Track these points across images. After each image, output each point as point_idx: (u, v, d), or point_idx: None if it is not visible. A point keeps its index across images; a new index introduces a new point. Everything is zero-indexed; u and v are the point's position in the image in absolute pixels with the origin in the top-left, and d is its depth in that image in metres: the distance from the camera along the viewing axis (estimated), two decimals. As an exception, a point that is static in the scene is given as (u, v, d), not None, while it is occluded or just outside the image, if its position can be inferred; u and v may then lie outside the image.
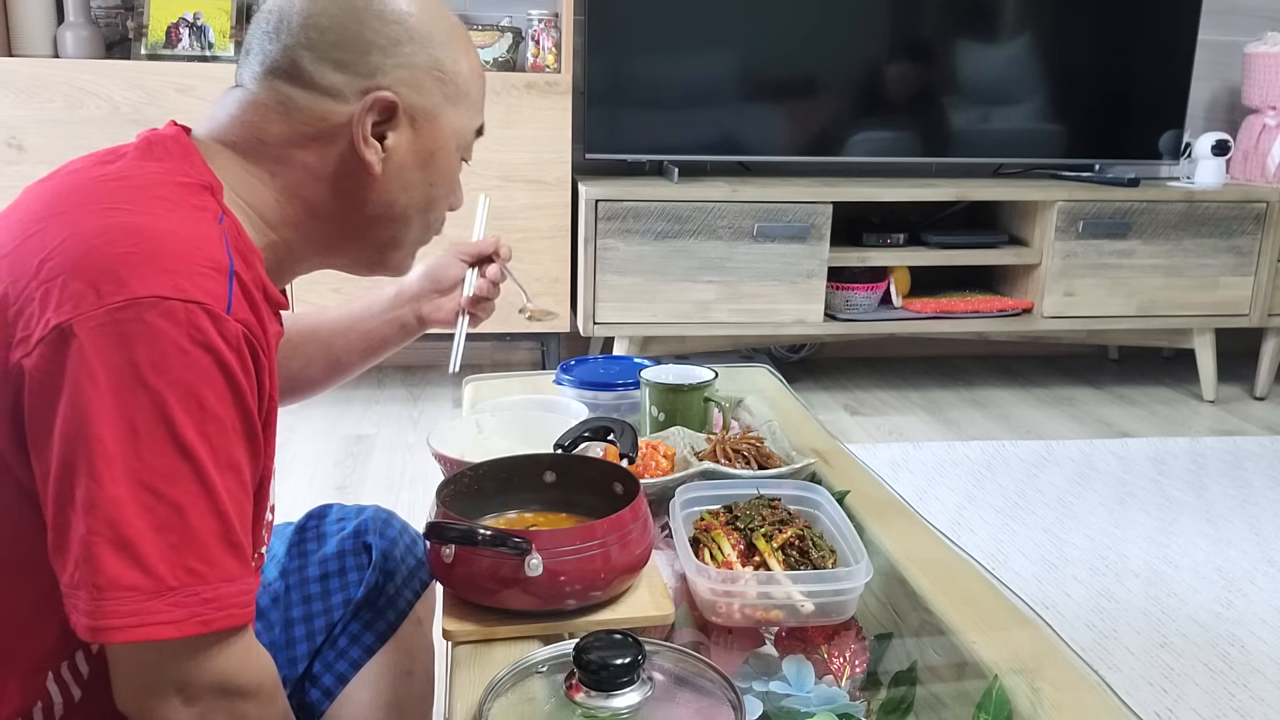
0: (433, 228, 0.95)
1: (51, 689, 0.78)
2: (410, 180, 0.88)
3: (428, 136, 0.87)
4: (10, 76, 2.56)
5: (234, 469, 0.73)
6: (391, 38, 0.84)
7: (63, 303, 0.69)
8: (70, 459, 0.68)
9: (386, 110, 0.84)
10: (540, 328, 2.92)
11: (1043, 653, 0.87)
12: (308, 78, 0.83)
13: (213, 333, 0.70)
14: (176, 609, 0.69)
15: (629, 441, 1.11)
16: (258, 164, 0.84)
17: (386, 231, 0.90)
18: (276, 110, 0.84)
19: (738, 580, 0.93)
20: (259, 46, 0.85)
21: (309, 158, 0.85)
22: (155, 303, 0.69)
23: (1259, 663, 1.76)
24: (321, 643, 1.05)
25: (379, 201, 0.88)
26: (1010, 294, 3.13)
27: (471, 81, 0.90)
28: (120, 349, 0.68)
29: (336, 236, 0.89)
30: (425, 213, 0.92)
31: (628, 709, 0.73)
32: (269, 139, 0.84)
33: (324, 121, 0.84)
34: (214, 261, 0.73)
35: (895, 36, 3.10)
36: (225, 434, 0.72)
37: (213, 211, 0.78)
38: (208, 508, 0.70)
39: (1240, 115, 3.36)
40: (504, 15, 3.00)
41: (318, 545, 1.09)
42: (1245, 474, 2.59)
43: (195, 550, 0.70)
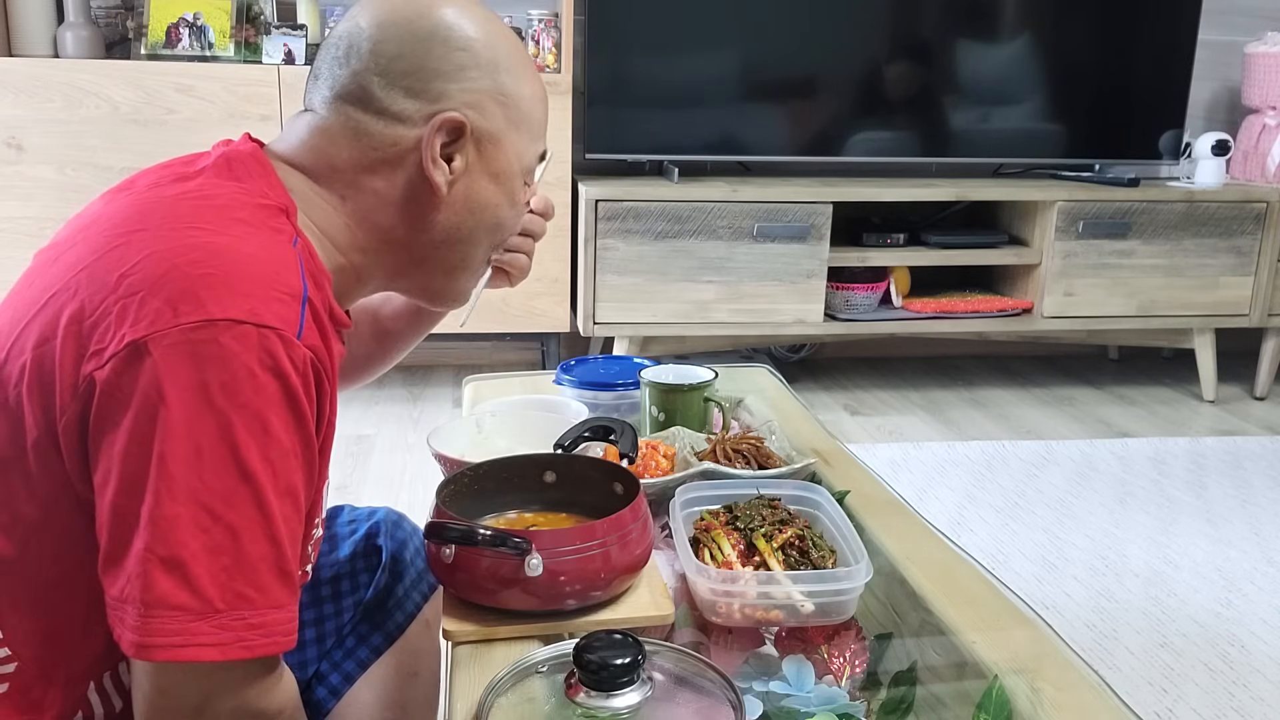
0: (497, 250, 0.96)
1: (93, 699, 0.78)
2: (476, 203, 0.89)
3: (493, 159, 0.89)
4: (10, 76, 2.56)
5: (291, 495, 0.73)
6: (458, 64, 0.85)
7: (140, 319, 0.69)
8: (133, 474, 0.68)
9: (454, 131, 0.85)
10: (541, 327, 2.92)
11: (1043, 653, 0.87)
12: (378, 103, 0.84)
13: (283, 358, 0.71)
14: (222, 632, 0.69)
15: (629, 441, 1.11)
16: (328, 188, 0.85)
17: (454, 255, 0.91)
18: (346, 135, 0.85)
19: (738, 580, 0.93)
20: (328, 72, 0.86)
21: (378, 183, 0.86)
22: (230, 325, 0.69)
23: (1259, 663, 1.76)
24: (330, 644, 1.05)
25: (446, 225, 0.89)
26: (1010, 294, 3.14)
27: (534, 106, 0.91)
28: (192, 369, 0.68)
29: (405, 261, 0.90)
30: (491, 235, 0.92)
31: (628, 709, 0.73)
32: (339, 164, 0.85)
33: (394, 146, 0.85)
34: (290, 287, 0.74)
35: (895, 36, 3.10)
36: (286, 459, 0.72)
37: (288, 234, 0.79)
38: (263, 533, 0.71)
39: (1240, 115, 3.36)
40: (504, 15, 3.00)
41: (330, 548, 1.10)
42: (1245, 474, 2.59)
43: (246, 575, 0.70)
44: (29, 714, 0.75)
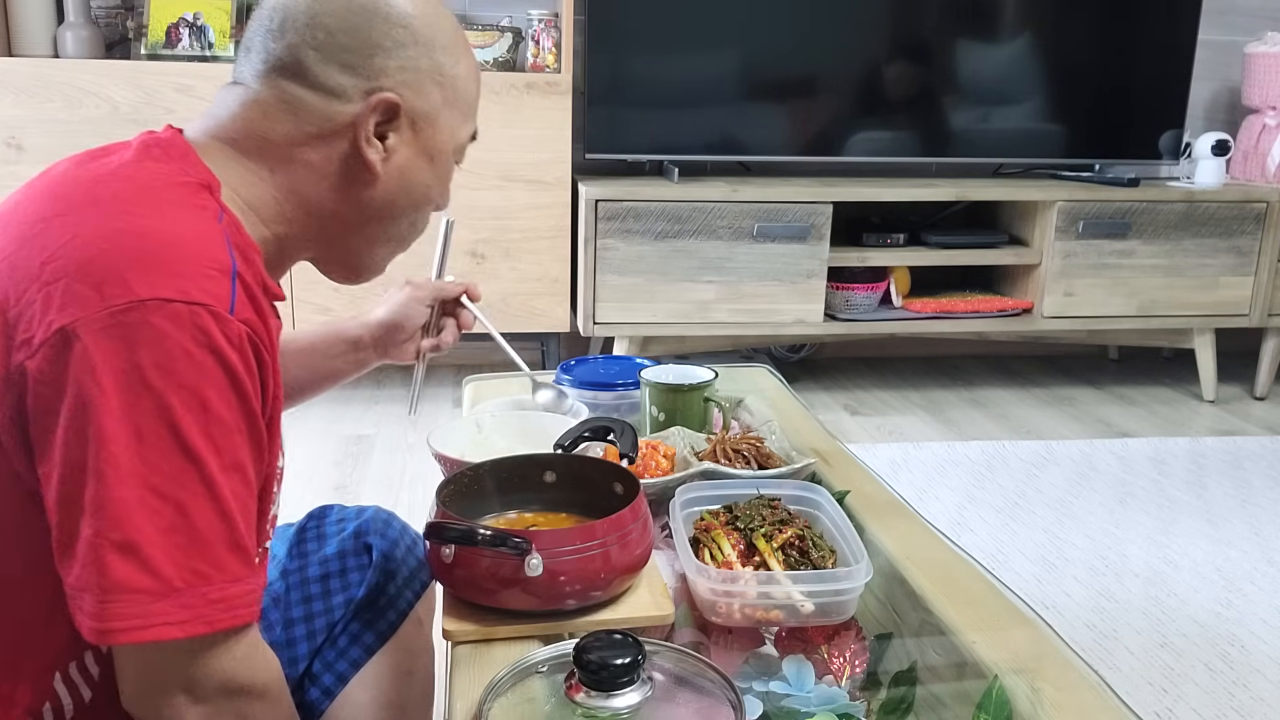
0: (418, 227, 0.95)
1: (60, 690, 0.78)
2: (409, 181, 0.89)
3: (427, 138, 0.88)
4: (10, 76, 2.56)
5: (239, 470, 0.73)
6: (397, 40, 0.84)
7: (66, 305, 0.69)
8: (75, 462, 0.68)
9: (389, 111, 0.85)
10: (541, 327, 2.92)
11: (1043, 653, 0.87)
12: (313, 78, 0.83)
13: (217, 334, 0.70)
14: (182, 610, 0.69)
15: (629, 441, 1.11)
16: (258, 161, 0.84)
17: (379, 229, 0.91)
18: (280, 109, 0.84)
19: (738, 580, 0.93)
20: (261, 44, 0.85)
21: (312, 156, 0.85)
22: (159, 305, 0.69)
23: (1259, 663, 1.76)
24: (322, 642, 1.05)
25: (378, 201, 0.88)
26: (1010, 294, 3.13)
27: (469, 85, 0.91)
28: (124, 351, 0.68)
29: (331, 234, 0.90)
30: (416, 212, 0.93)
31: (628, 709, 0.73)
32: (272, 137, 0.84)
33: (329, 121, 0.84)
34: (217, 262, 0.73)
35: (895, 36, 3.10)
36: (230, 435, 0.72)
37: (212, 210, 0.78)
38: (213, 510, 0.70)
39: (1240, 115, 3.36)
40: (504, 15, 3.00)
41: (318, 546, 1.09)
42: (1245, 474, 2.59)
43: (201, 552, 0.70)
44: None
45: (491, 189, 2.80)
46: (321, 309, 2.80)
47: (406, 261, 1.06)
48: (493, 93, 2.74)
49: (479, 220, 2.81)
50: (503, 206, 2.81)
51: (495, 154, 2.77)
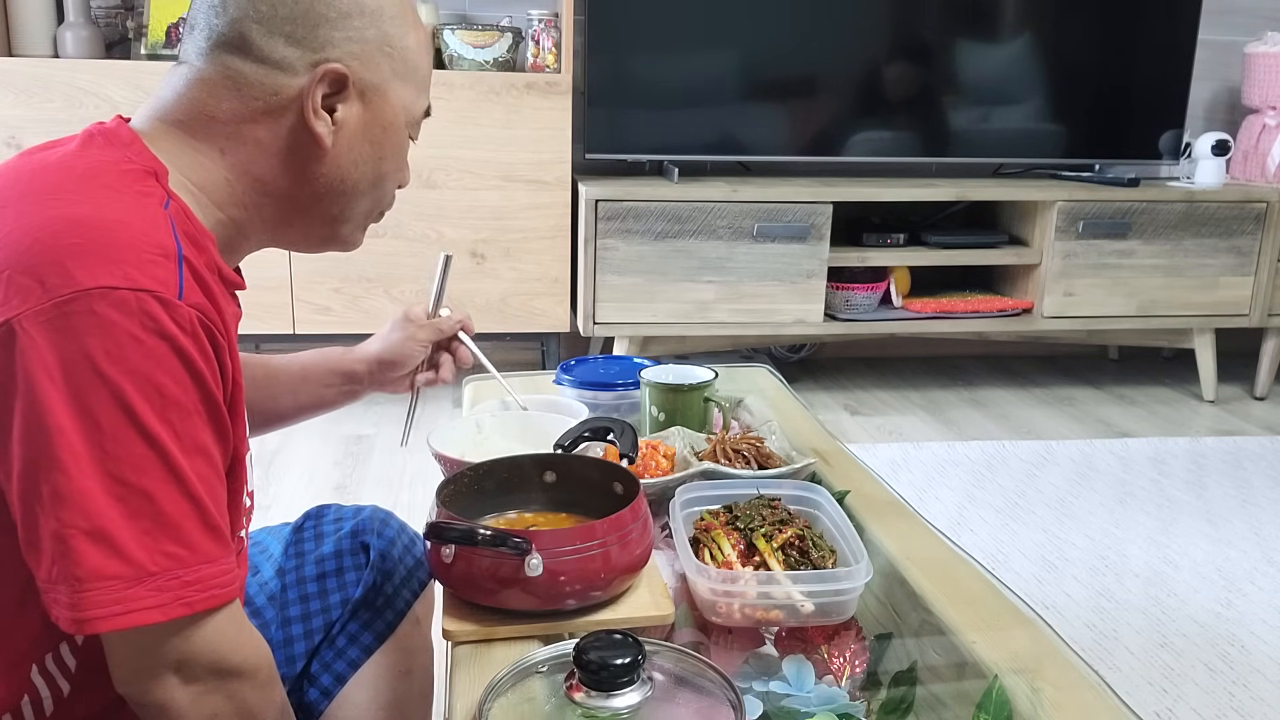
0: (381, 203, 0.94)
1: (38, 681, 0.78)
2: (360, 155, 0.87)
3: (377, 111, 0.87)
4: (10, 76, 2.56)
5: (201, 452, 0.73)
6: (342, 11, 0.83)
7: (8, 298, 0.68)
8: (33, 456, 0.68)
9: (337, 83, 0.83)
10: (541, 327, 2.92)
11: (1043, 653, 0.87)
12: (257, 51, 0.82)
13: (165, 319, 0.70)
14: (160, 593, 0.69)
15: (629, 441, 1.11)
16: (207, 142, 0.83)
17: (335, 206, 0.89)
18: (225, 85, 0.82)
19: (738, 580, 0.93)
20: (205, 21, 0.83)
21: (260, 133, 0.83)
22: (104, 293, 0.68)
23: (1259, 663, 1.76)
24: (319, 642, 1.05)
25: (329, 176, 0.87)
26: (1010, 294, 3.14)
27: (420, 58, 0.89)
28: (72, 342, 0.67)
29: (287, 212, 0.88)
30: (374, 188, 0.91)
31: (628, 709, 0.73)
32: (219, 115, 0.83)
33: (275, 95, 0.82)
34: (162, 248, 0.72)
35: (895, 36, 3.10)
36: (188, 418, 0.72)
37: (158, 197, 0.77)
38: (179, 492, 0.70)
39: (1240, 115, 3.36)
40: (504, 15, 3.00)
41: (315, 545, 1.09)
42: (1245, 474, 2.59)
43: (171, 534, 0.70)
44: None
45: (491, 189, 2.80)
46: (321, 309, 2.80)
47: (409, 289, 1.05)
48: (493, 93, 2.74)
49: (479, 220, 2.81)
50: (503, 206, 2.81)
51: (495, 154, 2.77)
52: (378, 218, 0.95)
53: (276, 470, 2.46)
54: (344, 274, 2.78)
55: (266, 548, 1.11)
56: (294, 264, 2.76)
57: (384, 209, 0.95)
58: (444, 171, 2.77)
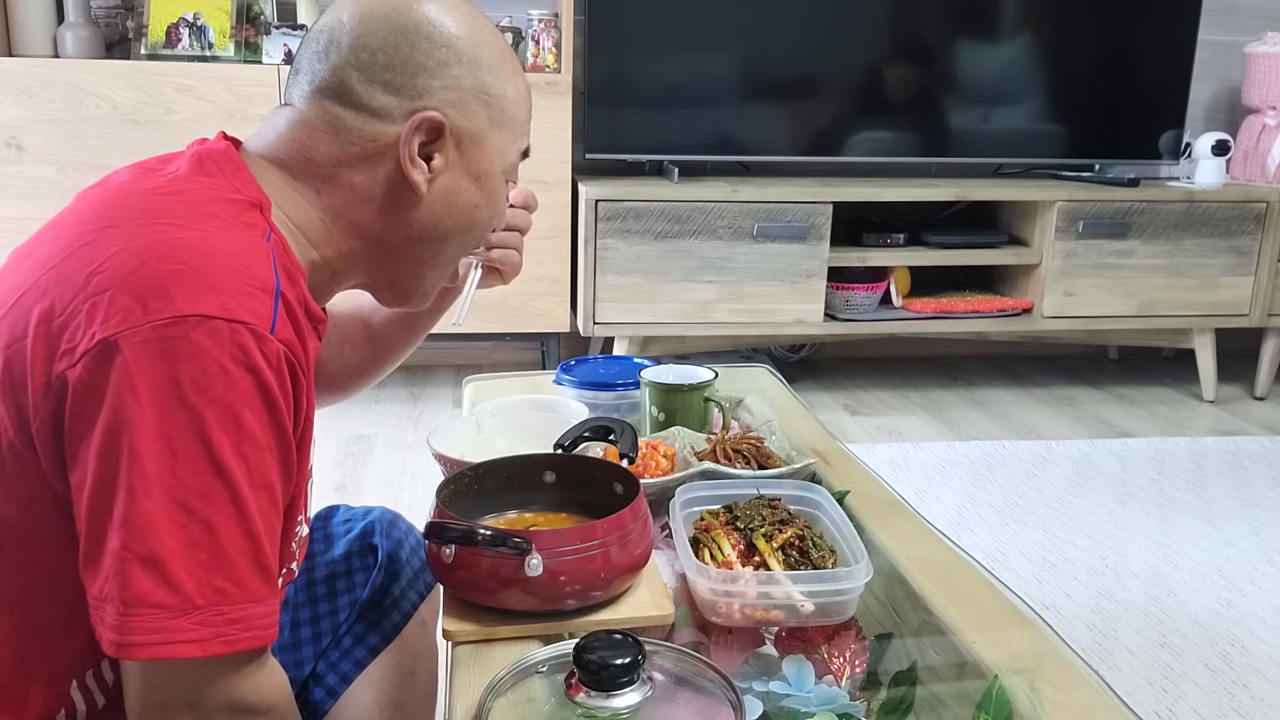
0: (469, 249, 0.95)
1: (75, 696, 0.78)
2: (455, 201, 0.88)
3: (473, 159, 0.88)
4: (10, 76, 2.56)
5: (267, 489, 0.73)
6: (440, 60, 0.84)
7: (110, 316, 0.69)
8: (107, 473, 0.68)
9: (433, 131, 0.84)
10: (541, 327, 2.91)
11: (1043, 653, 0.87)
12: (357, 98, 0.83)
13: (255, 353, 0.71)
14: (202, 628, 0.69)
15: (629, 441, 1.11)
16: (305, 183, 0.85)
17: (427, 252, 0.90)
18: (325, 130, 0.84)
19: (738, 580, 0.93)
20: (309, 66, 0.85)
21: (356, 178, 0.85)
22: (201, 321, 0.69)
23: (1259, 663, 1.76)
24: (327, 644, 1.05)
25: (424, 222, 0.88)
26: (1010, 294, 3.13)
27: (518, 105, 0.90)
28: (164, 366, 0.68)
29: (379, 256, 0.89)
30: (466, 234, 0.91)
31: (628, 709, 0.73)
32: (317, 158, 0.84)
33: (372, 142, 0.84)
34: (261, 281, 0.74)
35: (895, 36, 3.10)
36: (261, 454, 0.72)
37: (261, 229, 0.78)
38: (240, 528, 0.71)
39: (1240, 115, 3.36)
40: (504, 15, 3.00)
41: (325, 548, 1.10)
42: (1245, 474, 2.59)
43: (224, 570, 0.70)
44: (9, 712, 0.75)
45: (491, 189, 2.80)
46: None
47: None
48: (493, 93, 2.73)
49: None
50: (503, 206, 2.80)
51: (495, 154, 2.77)
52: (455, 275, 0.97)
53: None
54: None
55: None
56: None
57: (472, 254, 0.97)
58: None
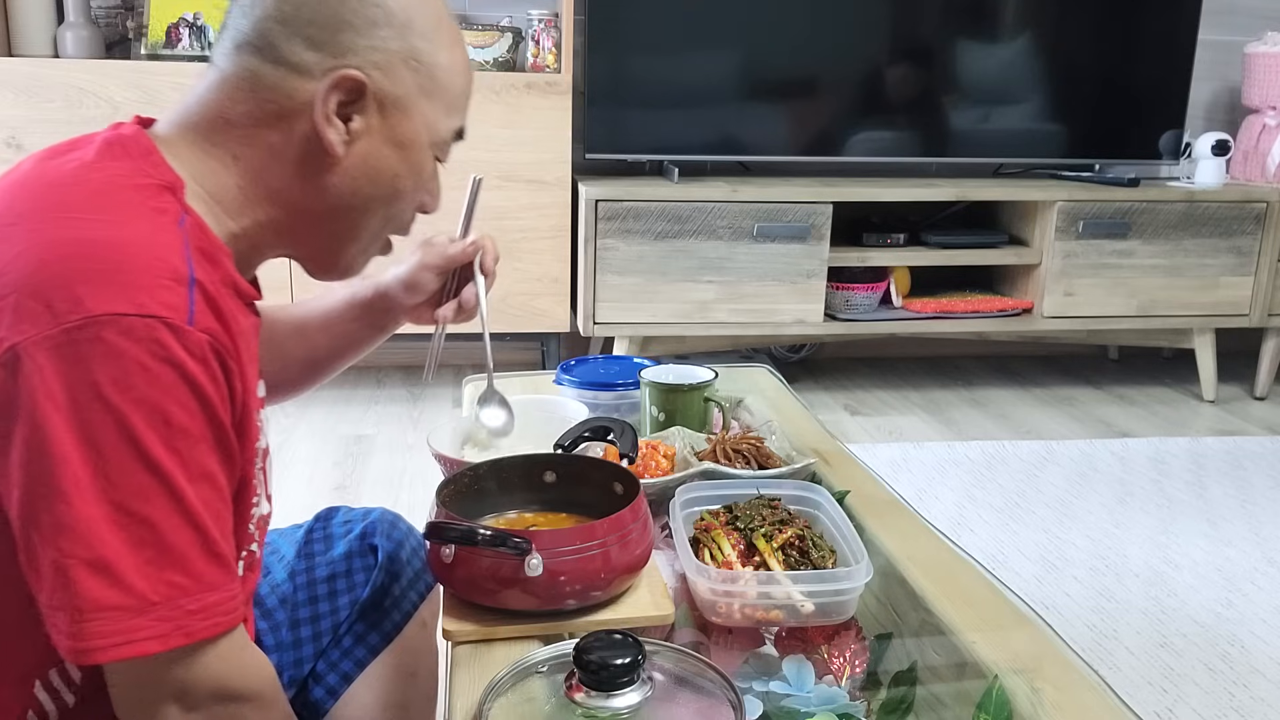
0: (393, 225, 0.91)
1: (42, 696, 0.77)
2: (376, 169, 0.85)
3: (398, 126, 0.84)
4: (10, 76, 2.56)
5: (207, 478, 0.72)
6: (369, 19, 0.81)
7: (17, 322, 0.67)
8: (34, 483, 0.67)
9: (354, 91, 0.81)
10: (541, 327, 2.91)
11: (1043, 653, 0.87)
12: (278, 53, 0.80)
13: (175, 346, 0.69)
14: (161, 623, 0.69)
15: (629, 441, 1.11)
16: (221, 147, 0.82)
17: (345, 223, 0.87)
18: (243, 87, 0.81)
19: (738, 580, 0.93)
20: (234, 23, 0.82)
21: (273, 138, 0.82)
22: (113, 320, 0.67)
23: (1259, 663, 1.76)
24: (327, 643, 1.05)
25: (342, 189, 0.84)
26: (1010, 294, 3.13)
27: (452, 77, 0.87)
28: (79, 369, 0.66)
29: (298, 225, 0.86)
30: (388, 206, 0.88)
31: (628, 709, 0.73)
32: (234, 118, 0.81)
33: (289, 99, 0.81)
34: (173, 271, 0.71)
35: (895, 36, 3.10)
36: (195, 445, 0.71)
37: (173, 214, 0.76)
38: (183, 521, 0.70)
39: (1240, 115, 3.36)
40: (504, 15, 3.00)
41: (325, 548, 1.10)
42: (1245, 474, 2.59)
43: (175, 564, 0.69)
44: None
45: (491, 189, 2.80)
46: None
47: (435, 221, 1.00)
48: (493, 93, 2.74)
49: (479, 220, 2.81)
50: (503, 206, 2.81)
51: (495, 154, 2.77)
52: (386, 248, 0.93)
53: (276, 470, 2.46)
54: (344, 274, 2.78)
55: (278, 549, 1.11)
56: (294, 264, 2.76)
57: (399, 231, 0.92)
58: (444, 171, 2.76)
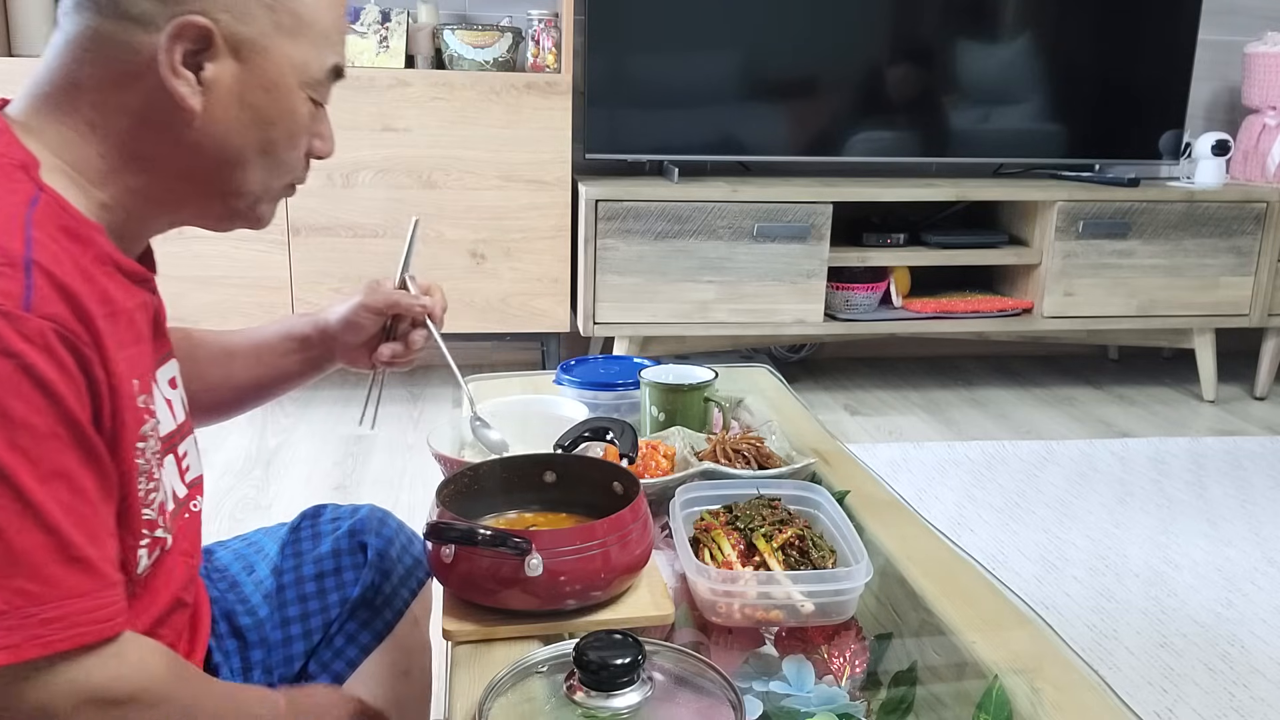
0: (281, 173, 0.84)
1: None
2: (239, 120, 0.78)
3: (256, 70, 0.78)
4: (10, 76, 2.56)
5: (63, 477, 0.67)
6: None
7: None
8: None
9: (200, 38, 0.75)
10: (541, 327, 2.92)
11: (1043, 653, 0.87)
12: (116, 5, 0.74)
13: (10, 335, 0.64)
14: (11, 633, 0.65)
15: (629, 441, 1.11)
16: (75, 114, 0.76)
17: (220, 179, 0.81)
18: (88, 47, 0.75)
19: (738, 580, 0.93)
20: None
21: (125, 98, 0.76)
22: None
23: (1259, 663, 1.76)
24: (318, 642, 1.05)
25: (205, 145, 0.78)
26: (1010, 294, 3.13)
27: (317, 12, 0.80)
28: None
29: (172, 188, 0.80)
30: (264, 156, 0.81)
31: (628, 709, 0.73)
32: (83, 82, 0.76)
33: (135, 54, 0.75)
34: (5, 254, 0.66)
35: (895, 36, 3.10)
36: (43, 442, 0.66)
37: (22, 194, 0.71)
38: (32, 524, 0.65)
39: (1240, 115, 3.36)
40: (504, 15, 3.00)
41: (313, 545, 1.09)
42: (1245, 474, 2.59)
43: (24, 571, 0.65)
44: None
45: (491, 189, 2.80)
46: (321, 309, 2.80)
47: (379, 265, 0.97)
48: (493, 93, 2.74)
49: (479, 220, 2.81)
50: (503, 206, 2.81)
51: (495, 154, 2.77)
52: (288, 191, 0.87)
53: (276, 470, 2.46)
54: (344, 274, 2.78)
55: (262, 548, 1.10)
56: (294, 264, 2.76)
57: (293, 181, 0.86)
58: (444, 171, 2.77)
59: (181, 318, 3.25)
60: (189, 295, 2.74)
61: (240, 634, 1.02)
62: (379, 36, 2.78)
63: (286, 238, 2.74)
